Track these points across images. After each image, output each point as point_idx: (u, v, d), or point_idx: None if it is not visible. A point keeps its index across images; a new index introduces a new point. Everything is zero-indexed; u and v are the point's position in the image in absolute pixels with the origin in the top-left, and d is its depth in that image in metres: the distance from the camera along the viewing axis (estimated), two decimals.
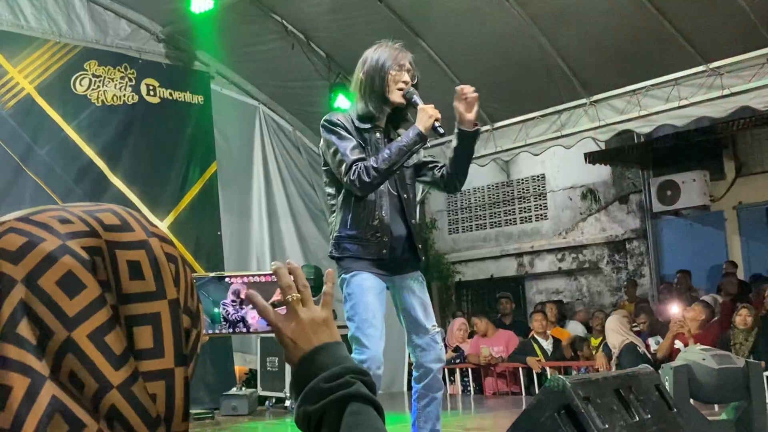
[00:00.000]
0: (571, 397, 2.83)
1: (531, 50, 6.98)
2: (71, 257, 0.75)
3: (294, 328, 1.09)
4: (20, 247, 0.74)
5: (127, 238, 0.80)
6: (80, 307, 0.74)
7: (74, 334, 0.73)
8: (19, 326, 0.71)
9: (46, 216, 0.78)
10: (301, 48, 7.78)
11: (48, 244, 0.75)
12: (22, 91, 6.81)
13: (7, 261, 0.73)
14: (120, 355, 0.75)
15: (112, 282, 0.77)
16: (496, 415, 7.17)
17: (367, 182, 3.22)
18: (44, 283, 0.73)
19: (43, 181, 6.82)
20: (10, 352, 0.70)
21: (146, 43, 7.77)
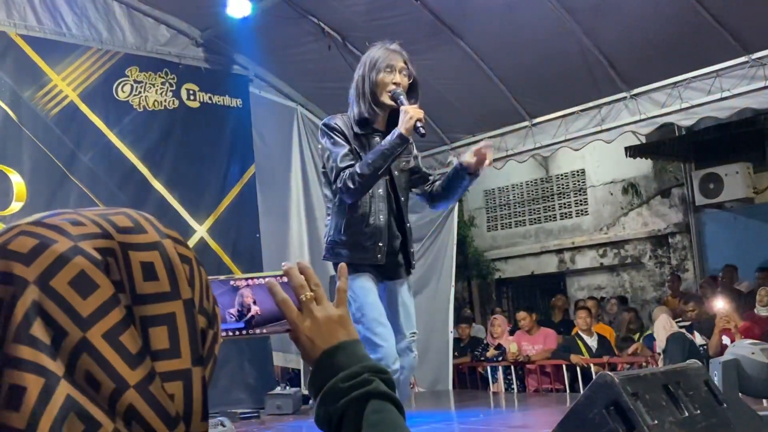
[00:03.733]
0: (620, 393, 2.81)
1: (569, 45, 6.92)
2: (83, 258, 0.75)
3: (310, 327, 1.09)
4: (32, 249, 0.75)
5: (140, 240, 0.80)
6: (93, 307, 0.74)
7: (89, 334, 0.73)
8: (33, 327, 0.71)
9: (58, 219, 0.79)
10: (337, 49, 7.80)
11: (60, 246, 0.75)
12: (65, 99, 6.93)
13: (19, 263, 0.74)
14: (136, 354, 0.75)
15: (126, 283, 0.78)
16: (540, 412, 7.13)
17: (352, 188, 3.23)
18: (57, 283, 0.74)
19: (87, 187, 6.93)
20: (24, 353, 0.70)
21: (186, 48, 7.85)
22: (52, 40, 6.97)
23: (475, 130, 8.21)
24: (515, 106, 7.70)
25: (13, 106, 6.61)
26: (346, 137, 3.35)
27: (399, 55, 3.43)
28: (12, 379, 0.70)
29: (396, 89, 3.35)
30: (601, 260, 12.53)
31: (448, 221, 8.62)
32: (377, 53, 3.43)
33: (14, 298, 0.72)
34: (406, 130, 3.22)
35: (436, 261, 8.73)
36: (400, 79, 3.38)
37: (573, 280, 12.94)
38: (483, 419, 6.49)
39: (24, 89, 6.71)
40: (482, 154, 3.41)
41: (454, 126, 8.33)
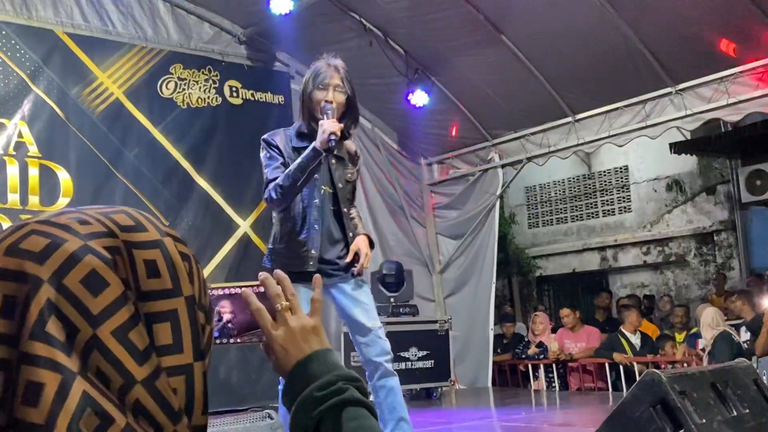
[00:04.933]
0: (667, 392, 2.77)
1: (613, 39, 6.84)
2: (94, 257, 0.77)
3: (284, 336, 1.09)
4: (44, 248, 0.76)
5: (142, 238, 0.83)
6: (104, 305, 0.76)
7: (99, 332, 0.75)
8: (48, 325, 0.73)
9: (65, 218, 0.81)
10: (379, 45, 7.81)
11: (70, 245, 0.77)
12: (111, 96, 7.03)
13: (32, 261, 0.76)
14: (143, 351, 0.77)
15: (131, 280, 0.80)
16: (582, 411, 7.07)
17: (275, 198, 3.44)
18: (69, 282, 0.75)
19: (132, 183, 7.02)
20: (40, 350, 0.72)
21: (228, 45, 7.91)
22: (98, 39, 7.07)
23: (517, 126, 8.17)
24: (558, 101, 7.64)
25: (60, 103, 6.73)
26: (281, 152, 3.53)
27: (336, 72, 3.57)
28: (29, 375, 0.71)
29: (326, 105, 3.48)
30: (644, 258, 12.38)
31: (489, 218, 8.58)
32: (316, 69, 3.61)
33: (29, 296, 0.74)
34: (321, 143, 3.37)
35: (476, 258, 8.70)
36: (332, 97, 3.50)
37: (615, 278, 12.80)
38: (525, 417, 6.45)
39: (71, 87, 6.82)
40: None
41: (496, 122, 8.29)
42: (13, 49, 6.59)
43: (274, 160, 3.52)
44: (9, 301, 0.74)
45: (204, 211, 7.38)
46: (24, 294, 0.74)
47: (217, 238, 7.43)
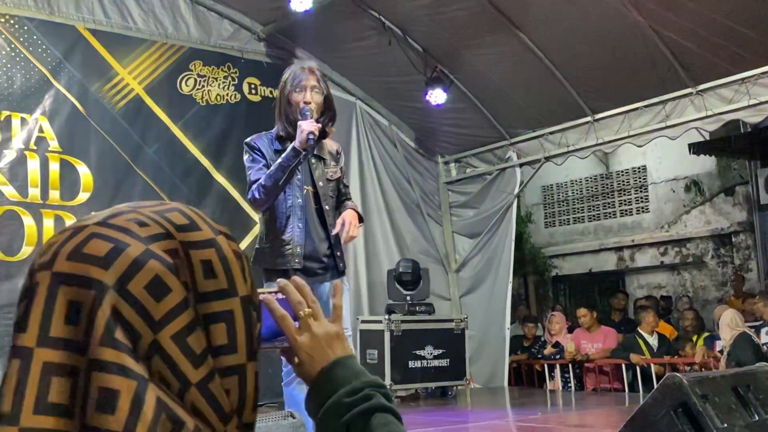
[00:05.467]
0: (689, 395, 2.76)
1: (634, 39, 6.80)
2: (157, 261, 0.77)
3: (309, 343, 1.09)
4: (108, 252, 0.76)
5: (198, 237, 0.83)
6: (166, 310, 0.76)
7: (160, 337, 0.76)
8: (116, 331, 0.73)
9: (123, 219, 0.81)
10: (398, 43, 7.80)
11: (133, 249, 0.77)
12: (131, 92, 7.07)
13: (96, 266, 0.75)
14: (200, 354, 0.78)
15: (190, 282, 0.80)
16: (598, 412, 7.04)
17: (258, 199, 3.53)
18: (133, 288, 0.75)
19: (151, 179, 7.06)
20: (110, 356, 0.72)
21: (248, 42, 7.93)
22: (120, 35, 7.11)
23: (535, 125, 8.14)
24: (577, 101, 7.61)
25: (81, 99, 6.77)
26: (263, 154, 3.60)
27: (311, 74, 3.62)
28: (101, 382, 0.72)
29: (305, 107, 3.55)
30: (661, 258, 12.31)
31: (506, 217, 8.56)
32: (291, 73, 3.65)
33: (95, 302, 0.74)
34: (300, 143, 3.46)
35: (493, 257, 8.68)
36: (311, 98, 3.57)
37: (632, 278, 12.73)
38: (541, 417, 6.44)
39: (92, 82, 6.87)
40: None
41: (514, 121, 8.27)
42: (35, 45, 6.64)
43: (257, 162, 3.60)
44: (74, 306, 0.74)
45: (222, 207, 7.40)
46: (90, 300, 0.74)
47: (235, 233, 7.22)
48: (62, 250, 0.77)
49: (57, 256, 0.77)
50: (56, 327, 0.73)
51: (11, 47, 6.54)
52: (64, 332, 0.73)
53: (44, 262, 0.77)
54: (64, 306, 0.74)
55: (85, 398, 0.72)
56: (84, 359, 0.73)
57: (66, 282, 0.75)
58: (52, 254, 0.77)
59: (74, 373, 0.73)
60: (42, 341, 0.73)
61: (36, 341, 0.73)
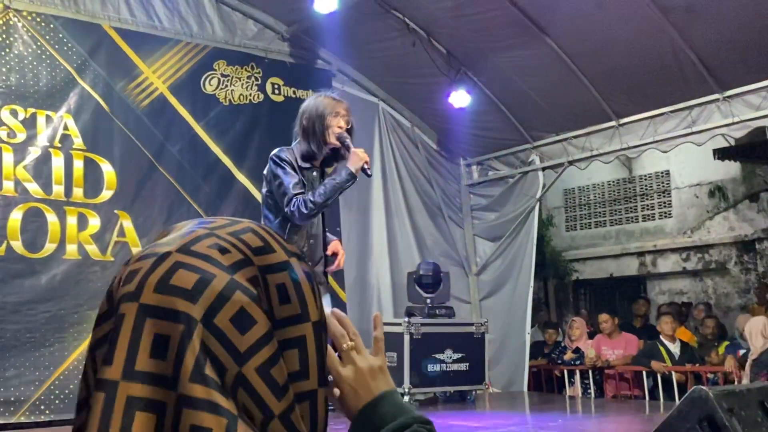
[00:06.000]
0: (715, 409, 2.72)
1: (661, 43, 6.74)
2: (242, 293, 0.76)
3: (353, 376, 1.08)
4: (195, 284, 0.75)
5: (272, 260, 0.81)
6: (250, 342, 0.75)
7: (245, 369, 0.74)
8: (205, 367, 0.72)
9: (204, 246, 0.79)
10: (422, 45, 7.78)
11: (219, 281, 0.76)
12: (155, 91, 7.09)
13: (184, 299, 0.74)
14: (282, 385, 0.77)
15: (268, 309, 0.79)
16: (618, 419, 6.98)
17: (305, 213, 3.62)
18: (220, 321, 0.74)
19: (174, 178, 7.07)
20: (200, 393, 0.71)
21: (272, 42, 7.94)
22: (145, 33, 7.13)
23: (559, 129, 8.09)
24: (602, 105, 7.55)
25: (105, 97, 6.80)
26: (294, 168, 3.73)
27: (343, 104, 3.82)
28: (192, 419, 0.70)
29: (343, 133, 3.73)
30: (683, 264, 12.20)
31: (528, 221, 8.51)
32: (324, 101, 3.81)
33: (184, 336, 0.73)
34: (356, 170, 3.66)
35: (514, 261, 8.64)
36: (344, 124, 3.76)
37: (654, 283, 12.63)
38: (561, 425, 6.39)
39: (116, 81, 6.90)
40: None
41: (538, 124, 8.22)
42: (61, 43, 6.68)
43: (292, 176, 3.68)
44: (161, 340, 0.73)
45: (243, 208, 7.40)
46: (178, 334, 0.73)
47: None
48: (149, 281, 0.76)
49: (143, 287, 0.75)
50: (142, 360, 0.72)
51: (37, 45, 6.58)
52: (151, 366, 0.72)
53: (130, 293, 0.76)
54: (150, 339, 0.73)
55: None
56: (172, 395, 0.71)
57: (153, 315, 0.74)
58: (138, 284, 0.76)
59: (160, 408, 0.71)
60: (127, 375, 0.72)
61: (121, 374, 0.72)
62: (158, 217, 6.93)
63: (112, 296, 0.78)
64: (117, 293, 0.77)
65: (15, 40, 6.49)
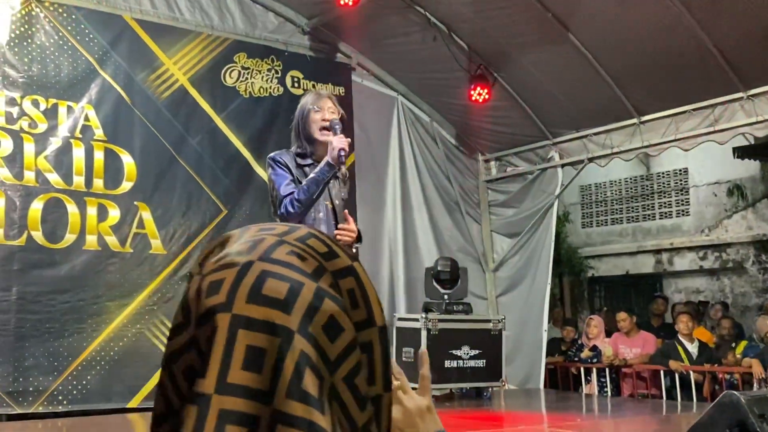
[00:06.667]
0: (746, 415, 2.69)
1: (684, 40, 6.68)
2: (330, 301, 0.74)
3: (401, 417, 1.06)
4: (287, 294, 0.73)
5: (340, 265, 0.79)
6: (339, 350, 0.73)
7: (334, 379, 0.72)
8: (304, 381, 0.70)
9: (282, 254, 0.77)
10: (442, 39, 7.73)
11: (307, 290, 0.74)
12: (176, 83, 7.08)
13: (278, 310, 0.72)
14: (363, 395, 0.75)
15: None
16: (634, 420, 6.94)
17: (293, 212, 3.70)
18: (314, 330, 0.72)
19: (193, 170, 7.07)
20: (298, 410, 0.69)
21: (292, 35, 7.91)
22: (166, 25, 7.12)
23: (579, 125, 8.04)
24: (623, 102, 7.49)
25: (126, 88, 6.80)
26: (289, 169, 3.81)
27: (327, 98, 3.96)
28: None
29: (333, 121, 3.86)
30: (700, 263, 12.13)
31: (546, 217, 8.47)
32: (307, 98, 3.97)
33: (282, 349, 0.70)
34: (332, 159, 3.75)
35: (532, 257, 8.60)
36: (329, 116, 3.87)
37: (670, 282, 12.57)
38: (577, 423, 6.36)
39: (137, 72, 6.89)
40: None
41: (558, 121, 8.17)
42: (82, 33, 6.68)
43: (283, 177, 3.77)
44: (255, 352, 0.71)
45: (262, 201, 7.38)
46: (274, 347, 0.70)
47: None
48: (239, 291, 0.73)
49: (235, 298, 0.73)
50: (235, 373, 0.70)
51: (59, 35, 6.58)
52: (244, 379, 0.70)
53: (222, 304, 0.73)
54: (243, 351, 0.71)
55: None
56: (267, 409, 0.69)
57: (247, 326, 0.71)
58: (228, 295, 0.73)
59: (252, 423, 0.69)
60: (221, 388, 0.70)
61: (215, 388, 0.70)
62: (177, 209, 6.94)
63: (189, 308, 0.76)
64: (199, 305, 0.74)
65: (37, 31, 6.50)
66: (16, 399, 6.03)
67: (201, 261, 0.82)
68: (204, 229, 7.05)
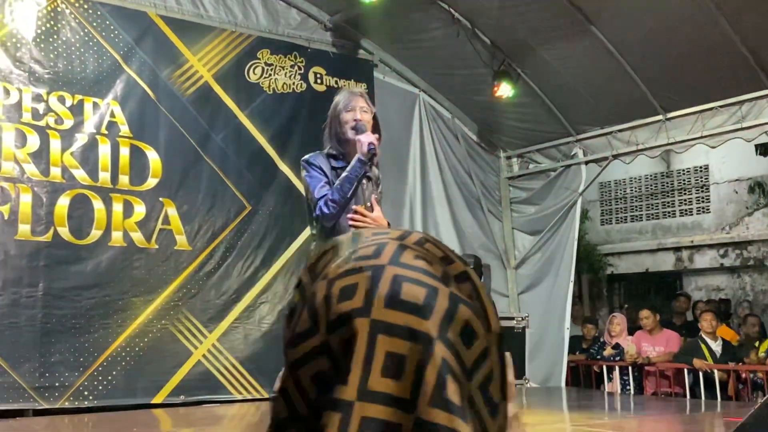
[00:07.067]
0: None
1: (712, 36, 6.62)
2: (465, 307, 0.72)
3: None
4: (425, 300, 0.71)
5: (457, 270, 0.77)
6: (474, 357, 0.72)
7: (471, 386, 0.70)
8: (447, 389, 0.68)
9: (411, 258, 0.75)
10: (466, 35, 7.70)
11: (443, 295, 0.72)
12: (200, 79, 7.09)
13: (417, 316, 0.70)
14: (496, 403, 0.73)
15: None
16: (660, 418, 6.89)
17: (327, 213, 3.64)
18: (452, 336, 0.70)
19: (218, 166, 7.08)
20: (441, 419, 0.67)
21: (314, 32, 7.90)
22: (190, 21, 7.13)
23: (604, 122, 7.99)
24: (649, 98, 7.43)
25: (151, 84, 6.81)
26: (324, 171, 3.75)
27: (359, 97, 3.88)
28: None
29: (359, 122, 3.76)
30: (721, 261, 12.04)
31: (569, 215, 8.42)
32: (339, 98, 3.89)
33: (423, 356, 0.68)
34: (362, 154, 3.67)
35: (554, 255, 8.56)
36: (360, 116, 3.79)
37: (690, 279, 12.49)
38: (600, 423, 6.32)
39: (162, 69, 6.90)
40: None
41: (582, 118, 8.13)
42: (108, 30, 6.69)
43: (317, 179, 3.72)
44: (395, 359, 0.69)
45: (285, 198, 7.39)
46: (416, 353, 0.69)
47: (297, 225, 7.43)
48: (377, 296, 0.71)
49: (372, 302, 0.71)
50: (375, 380, 0.68)
51: (84, 32, 6.59)
52: (385, 386, 0.68)
53: (359, 308, 0.71)
54: (383, 357, 0.69)
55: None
56: (409, 417, 0.67)
57: (386, 332, 0.70)
58: (365, 299, 0.72)
59: (394, 431, 0.68)
60: (362, 395, 0.68)
61: (357, 395, 0.68)
62: (202, 205, 6.95)
63: (317, 313, 0.74)
64: (330, 310, 0.73)
65: (62, 27, 6.51)
66: (42, 394, 6.06)
67: (310, 267, 0.80)
68: (228, 226, 7.05)
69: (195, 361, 6.74)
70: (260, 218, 7.21)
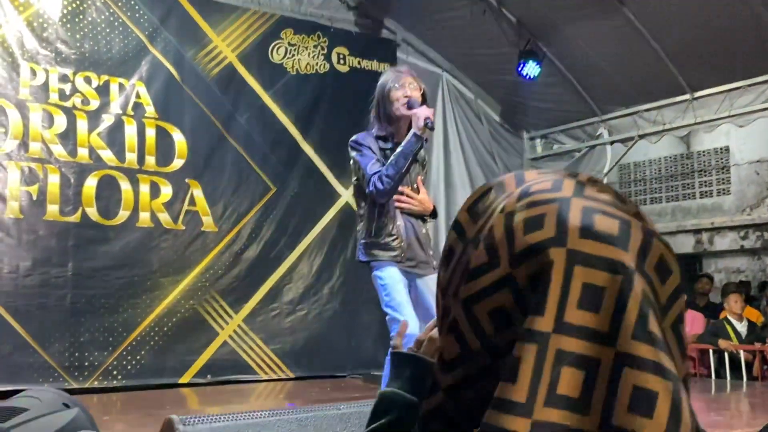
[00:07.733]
0: None
1: (740, 13, 6.54)
2: (659, 241, 0.70)
3: None
4: (620, 231, 0.68)
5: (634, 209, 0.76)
6: (668, 294, 0.69)
7: (664, 324, 0.68)
8: (650, 323, 0.65)
9: (594, 191, 0.73)
10: (492, 14, 7.63)
11: (636, 227, 0.70)
12: (224, 60, 7.06)
13: (617, 247, 0.67)
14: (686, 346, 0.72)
15: None
16: None
17: (381, 189, 3.58)
18: (648, 269, 0.68)
19: (242, 147, 7.06)
20: (646, 353, 0.65)
21: (337, 11, 7.85)
22: (214, 2, 7.10)
23: (630, 102, 7.92)
24: (676, 77, 7.36)
25: (176, 65, 6.79)
26: (372, 150, 3.71)
27: (408, 75, 3.81)
28: (635, 380, 0.64)
29: (412, 98, 3.70)
30: (741, 243, 11.96)
31: None
32: (387, 76, 3.82)
33: (623, 288, 0.66)
34: (419, 129, 3.61)
35: None
36: (411, 93, 3.72)
37: (710, 261, 12.41)
38: None
39: (187, 49, 6.87)
40: None
41: (608, 97, 8.06)
42: (133, 10, 6.67)
43: (369, 157, 3.67)
44: (592, 290, 0.66)
45: (308, 179, 7.37)
46: (615, 286, 0.66)
47: (320, 206, 7.43)
48: (570, 226, 0.69)
49: (566, 232, 0.69)
50: (570, 312, 0.66)
51: (110, 12, 6.57)
52: (582, 319, 0.66)
53: (551, 238, 0.69)
54: (579, 289, 0.67)
55: (606, 395, 0.64)
56: (608, 351, 0.65)
57: (584, 263, 0.67)
58: (557, 229, 0.69)
59: (591, 365, 0.65)
60: (558, 327, 0.66)
61: (553, 327, 0.66)
62: (227, 186, 6.94)
63: (495, 247, 0.71)
64: (515, 242, 0.70)
65: (88, 7, 6.49)
66: (72, 374, 6.08)
67: (469, 207, 0.78)
68: (253, 208, 7.05)
69: (221, 342, 6.76)
70: (285, 201, 7.20)
